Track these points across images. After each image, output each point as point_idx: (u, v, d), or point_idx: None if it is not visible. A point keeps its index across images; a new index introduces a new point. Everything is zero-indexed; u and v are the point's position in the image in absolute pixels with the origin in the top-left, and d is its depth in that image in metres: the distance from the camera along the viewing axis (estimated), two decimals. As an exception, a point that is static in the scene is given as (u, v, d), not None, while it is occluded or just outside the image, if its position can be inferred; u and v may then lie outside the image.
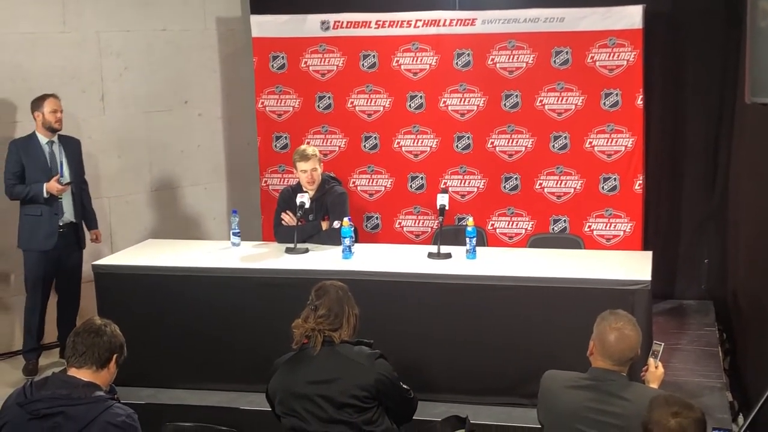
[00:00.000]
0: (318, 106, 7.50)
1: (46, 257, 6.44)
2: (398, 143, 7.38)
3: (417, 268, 5.66)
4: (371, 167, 7.47)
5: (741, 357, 6.23)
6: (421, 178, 7.38)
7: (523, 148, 7.11)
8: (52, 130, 6.41)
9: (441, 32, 7.14)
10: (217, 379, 5.78)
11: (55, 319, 6.71)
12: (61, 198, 6.40)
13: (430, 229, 7.32)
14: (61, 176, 6.39)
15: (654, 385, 3.77)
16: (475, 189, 7.27)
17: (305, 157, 6.14)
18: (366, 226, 7.53)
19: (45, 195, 6.30)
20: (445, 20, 7.12)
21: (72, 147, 6.59)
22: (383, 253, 6.10)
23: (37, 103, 6.40)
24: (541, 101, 7.01)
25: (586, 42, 6.84)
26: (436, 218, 6.20)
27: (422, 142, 7.33)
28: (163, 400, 5.67)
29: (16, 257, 6.65)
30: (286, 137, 7.62)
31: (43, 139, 6.43)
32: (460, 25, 7.09)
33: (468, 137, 7.22)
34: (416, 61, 7.23)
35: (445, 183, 7.26)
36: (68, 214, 6.50)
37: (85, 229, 6.72)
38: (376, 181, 7.49)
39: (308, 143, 7.11)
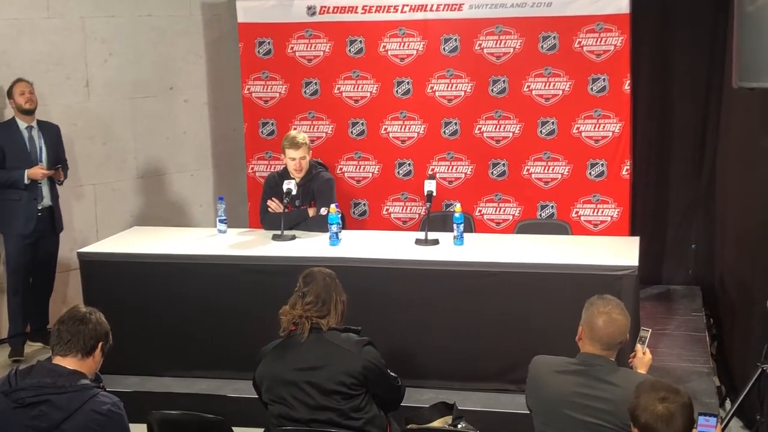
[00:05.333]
0: (305, 92, 7.46)
1: (25, 242, 6.47)
2: (385, 129, 7.35)
3: (404, 255, 5.65)
4: (358, 153, 7.44)
5: (728, 342, 6.25)
6: (409, 164, 7.36)
7: (511, 134, 7.10)
8: (26, 112, 6.46)
9: (428, 17, 7.11)
10: (203, 367, 5.77)
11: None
12: (40, 183, 6.45)
13: (417, 216, 7.31)
14: (40, 161, 6.46)
15: (642, 371, 3.77)
16: (463, 175, 7.26)
17: (295, 145, 6.11)
18: (353, 212, 7.50)
19: (26, 181, 6.35)
20: (432, 5, 7.08)
21: (51, 132, 6.64)
22: (371, 240, 6.09)
23: (9, 91, 6.51)
24: (528, 87, 6.99)
25: (574, 27, 6.82)
26: (424, 204, 6.20)
27: (409, 128, 7.31)
28: (149, 388, 5.66)
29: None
30: (272, 123, 7.58)
31: (22, 124, 6.49)
32: (447, 10, 7.06)
33: (455, 123, 7.20)
34: (403, 46, 7.20)
35: (432, 169, 7.23)
36: (47, 199, 6.55)
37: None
38: (364, 168, 7.47)
39: (295, 129, 7.08)
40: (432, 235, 5.82)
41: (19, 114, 6.47)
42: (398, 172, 7.39)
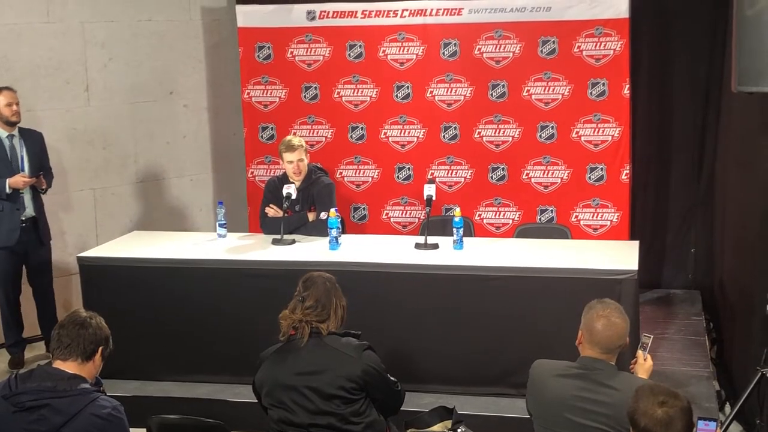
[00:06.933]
0: (304, 96, 7.47)
1: (11, 252, 6.36)
2: (385, 134, 7.36)
3: (404, 259, 5.65)
4: (358, 158, 7.45)
5: (728, 346, 6.25)
6: (408, 168, 7.36)
7: (510, 138, 7.10)
8: (10, 124, 6.30)
9: (427, 22, 7.12)
10: (203, 371, 5.77)
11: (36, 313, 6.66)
12: (22, 192, 6.32)
13: (417, 220, 7.31)
14: (22, 170, 6.31)
15: (643, 377, 3.77)
16: (462, 179, 7.26)
17: (291, 148, 6.13)
18: (353, 216, 7.51)
19: (7, 191, 6.21)
20: (432, 10, 7.09)
21: (33, 140, 6.46)
22: (370, 244, 6.09)
23: None
24: (528, 91, 6.99)
25: (573, 31, 6.83)
26: (424, 209, 6.20)
27: (409, 132, 7.31)
28: (149, 393, 5.66)
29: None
30: (272, 128, 7.59)
31: (3, 133, 6.32)
32: (446, 14, 7.07)
33: (455, 127, 7.21)
34: (403, 51, 7.21)
35: (432, 173, 7.24)
36: (30, 209, 6.39)
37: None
38: (363, 172, 7.47)
39: (295, 134, 7.08)
40: (432, 240, 5.83)
41: (2, 123, 6.29)
42: (398, 177, 7.40)
